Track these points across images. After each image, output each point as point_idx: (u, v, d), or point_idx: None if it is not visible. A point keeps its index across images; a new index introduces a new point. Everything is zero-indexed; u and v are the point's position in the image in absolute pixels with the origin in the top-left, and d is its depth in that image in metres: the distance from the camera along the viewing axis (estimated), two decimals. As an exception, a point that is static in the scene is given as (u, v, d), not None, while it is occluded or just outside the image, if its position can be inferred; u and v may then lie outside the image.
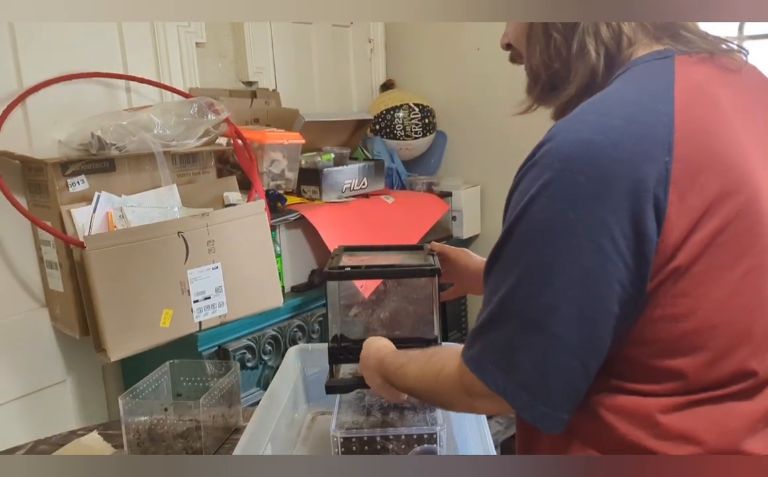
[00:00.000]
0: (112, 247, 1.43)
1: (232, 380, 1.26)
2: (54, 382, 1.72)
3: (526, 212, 0.66)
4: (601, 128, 0.64)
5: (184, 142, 1.68)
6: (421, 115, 2.55)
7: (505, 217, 0.71)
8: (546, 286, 0.65)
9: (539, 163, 0.66)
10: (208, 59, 2.10)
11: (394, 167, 2.50)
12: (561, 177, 0.64)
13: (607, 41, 0.73)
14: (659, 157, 0.63)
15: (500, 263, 0.69)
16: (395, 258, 1.10)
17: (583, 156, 0.63)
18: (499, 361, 0.68)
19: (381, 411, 1.05)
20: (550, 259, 0.64)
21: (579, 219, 0.63)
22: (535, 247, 0.65)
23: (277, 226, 1.86)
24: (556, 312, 0.64)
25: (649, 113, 0.65)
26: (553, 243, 0.64)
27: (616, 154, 0.63)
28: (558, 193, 0.64)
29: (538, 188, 0.65)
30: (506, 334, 0.68)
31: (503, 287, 0.68)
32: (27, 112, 1.59)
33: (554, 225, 0.64)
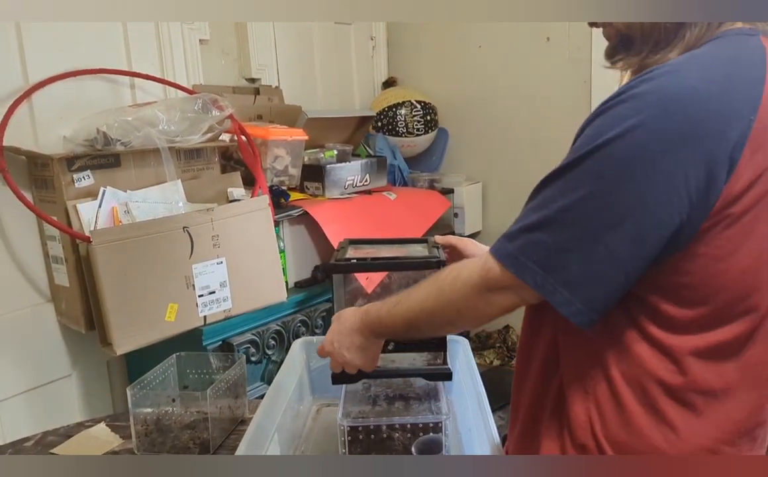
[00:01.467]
0: (118, 242, 1.44)
1: (239, 372, 1.27)
2: (59, 377, 1.74)
3: (617, 138, 0.69)
4: (704, 79, 0.70)
5: (188, 138, 1.69)
6: (422, 112, 2.56)
7: (581, 139, 0.74)
8: (616, 205, 0.69)
9: (639, 97, 0.70)
10: (212, 56, 2.11)
11: (396, 164, 2.52)
12: (659, 113, 0.68)
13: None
14: (746, 115, 0.69)
15: (570, 175, 0.73)
16: (400, 251, 1.11)
17: (684, 100, 0.69)
18: (543, 261, 0.72)
19: (387, 401, 1.06)
20: (628, 183, 0.69)
21: (663, 153, 0.68)
22: (615, 169, 0.69)
23: (281, 222, 1.87)
24: (618, 229, 0.69)
25: (745, 76, 0.72)
26: (634, 169, 0.69)
27: (711, 105, 0.68)
28: (652, 126, 0.68)
29: (635, 119, 0.69)
30: (560, 238, 0.72)
31: (567, 197, 0.72)
32: (33, 108, 1.61)
33: (639, 153, 0.68)
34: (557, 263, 0.72)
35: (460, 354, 1.25)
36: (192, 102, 1.71)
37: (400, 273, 1.15)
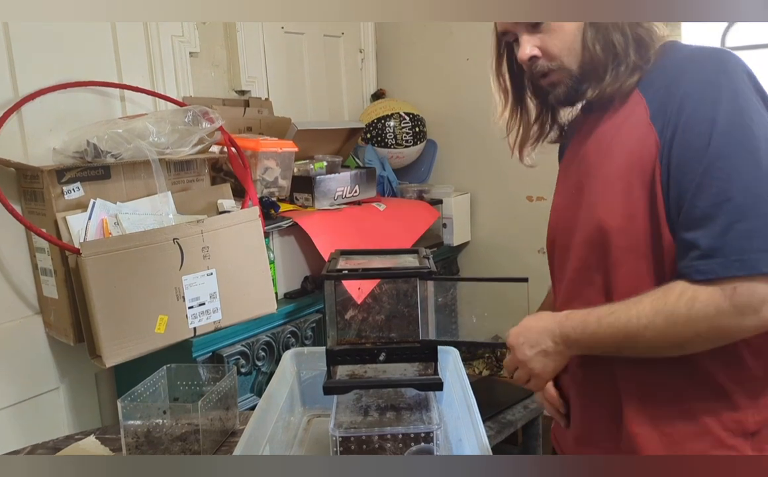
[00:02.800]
0: (108, 254, 1.44)
1: (230, 384, 1.28)
2: (47, 390, 1.72)
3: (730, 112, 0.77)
4: (719, 56, 0.84)
5: (178, 149, 1.69)
6: (411, 123, 2.58)
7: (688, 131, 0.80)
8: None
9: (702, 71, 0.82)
10: (202, 68, 2.12)
11: (385, 175, 2.53)
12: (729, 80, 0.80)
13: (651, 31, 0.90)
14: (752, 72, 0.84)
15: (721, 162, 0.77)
16: (391, 261, 1.12)
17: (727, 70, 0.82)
18: (766, 243, 0.74)
19: (378, 411, 1.07)
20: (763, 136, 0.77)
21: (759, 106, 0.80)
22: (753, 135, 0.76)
23: (271, 233, 1.88)
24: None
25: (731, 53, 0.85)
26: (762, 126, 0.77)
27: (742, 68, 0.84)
28: (740, 90, 0.79)
29: (725, 92, 0.79)
30: (763, 214, 0.74)
31: (736, 180, 0.76)
32: (22, 120, 1.60)
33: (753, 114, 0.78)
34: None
35: (450, 364, 1.26)
36: (182, 114, 1.72)
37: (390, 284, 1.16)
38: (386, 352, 1.00)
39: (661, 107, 0.84)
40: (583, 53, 0.91)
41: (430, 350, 1.02)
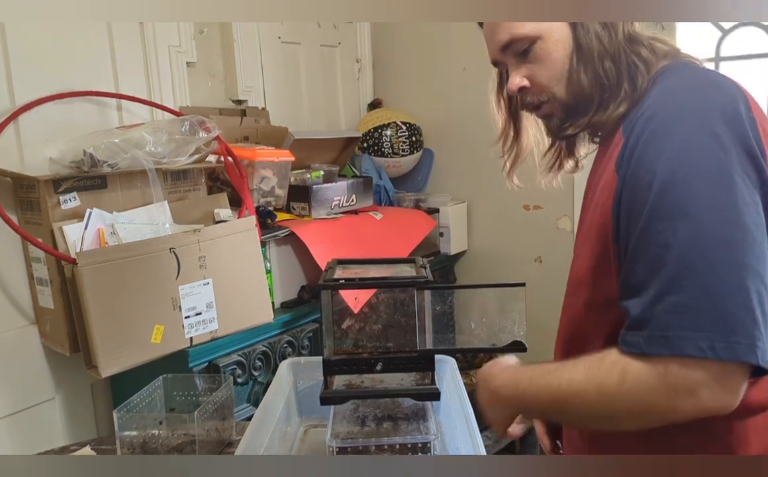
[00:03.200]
0: (104, 264, 1.44)
1: (226, 394, 1.27)
2: (43, 400, 1.71)
3: (677, 168, 0.69)
4: (704, 92, 0.75)
5: (175, 159, 1.69)
6: (408, 132, 2.58)
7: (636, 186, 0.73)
8: (723, 222, 0.67)
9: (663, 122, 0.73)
10: (199, 78, 2.12)
11: (382, 184, 2.53)
12: (693, 130, 0.71)
13: (648, 58, 0.84)
14: (749, 111, 0.73)
15: (661, 224, 0.69)
16: (388, 271, 1.12)
17: (702, 111, 0.72)
18: (699, 320, 0.65)
19: (375, 421, 1.06)
20: (717, 197, 0.68)
21: (722, 160, 0.69)
22: (698, 193, 0.68)
23: (267, 243, 1.87)
24: (740, 243, 0.67)
25: (726, 82, 0.77)
26: (712, 184, 0.68)
27: (727, 109, 0.72)
28: (698, 142, 0.70)
29: (679, 142, 0.71)
30: (698, 285, 0.66)
31: (673, 246, 0.68)
32: (19, 129, 1.60)
33: (706, 169, 0.69)
34: (712, 315, 0.65)
35: (447, 374, 1.26)
36: (179, 124, 1.72)
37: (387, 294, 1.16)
38: (383, 362, 1.00)
39: (627, 151, 0.77)
40: (570, 83, 0.87)
41: (427, 360, 1.02)
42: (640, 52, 0.84)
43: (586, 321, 0.86)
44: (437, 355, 1.04)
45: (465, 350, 1.12)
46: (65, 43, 1.70)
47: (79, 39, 1.73)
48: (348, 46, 2.72)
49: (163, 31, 1.93)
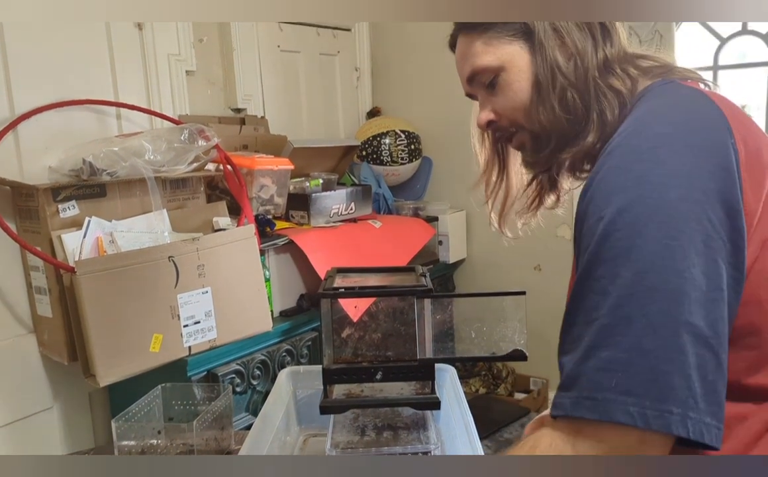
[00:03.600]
0: (103, 272, 1.43)
1: (225, 403, 1.27)
2: (41, 409, 1.70)
3: (626, 207, 0.62)
4: (674, 121, 0.68)
5: (174, 167, 1.69)
6: (407, 141, 2.59)
7: (585, 225, 0.67)
8: (668, 272, 0.59)
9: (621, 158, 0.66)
10: (198, 87, 2.13)
11: (381, 192, 2.54)
12: (653, 166, 0.63)
13: (619, 87, 0.79)
14: (727, 140, 0.66)
15: (601, 269, 0.63)
16: (388, 279, 1.12)
17: (667, 144, 0.65)
18: (631, 381, 0.59)
19: (375, 430, 1.06)
20: (665, 243, 0.60)
21: (680, 200, 0.61)
22: (645, 238, 0.61)
23: (266, 251, 1.87)
24: (684, 297, 0.59)
25: (704, 108, 0.70)
26: (663, 228, 0.61)
27: (696, 140, 0.65)
28: (656, 180, 0.62)
29: (633, 180, 0.63)
30: (629, 342, 0.59)
31: (611, 294, 0.61)
32: (18, 138, 1.60)
33: (659, 211, 0.61)
34: (641, 377, 0.58)
35: (447, 382, 1.25)
36: (178, 132, 1.72)
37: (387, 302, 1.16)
38: (383, 371, 1.00)
39: (587, 182, 0.71)
40: (535, 115, 0.82)
41: (427, 368, 1.02)
42: (612, 80, 0.79)
43: None
44: (437, 364, 1.04)
45: (465, 359, 1.11)
46: (64, 52, 1.70)
47: (79, 48, 1.74)
48: (347, 54, 2.73)
49: (162, 40, 1.94)
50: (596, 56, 0.80)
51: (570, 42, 0.80)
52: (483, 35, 0.86)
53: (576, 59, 0.80)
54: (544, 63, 0.81)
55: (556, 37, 0.81)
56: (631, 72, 0.80)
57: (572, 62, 0.80)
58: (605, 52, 0.80)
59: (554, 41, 0.81)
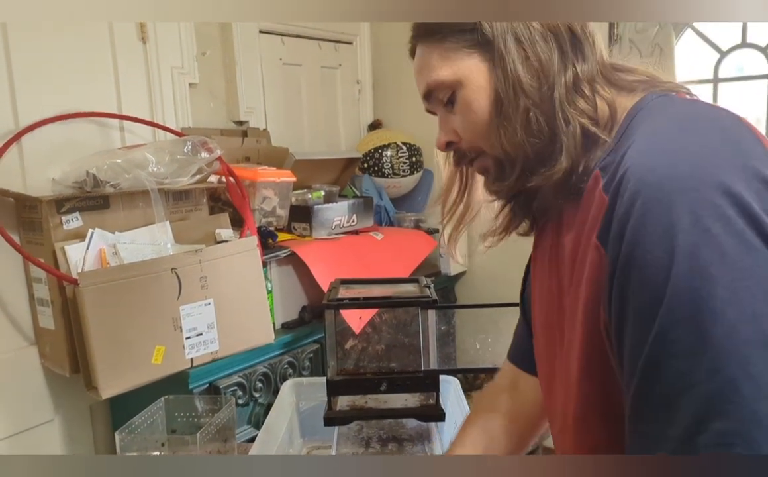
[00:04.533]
0: (106, 284, 1.43)
1: (228, 415, 1.26)
2: (42, 422, 1.70)
3: (693, 251, 0.55)
4: (699, 138, 0.60)
5: (177, 179, 1.70)
6: (408, 153, 2.60)
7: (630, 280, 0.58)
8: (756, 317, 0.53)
9: (657, 198, 0.57)
10: (200, 99, 2.14)
11: (382, 204, 2.54)
12: (696, 196, 0.55)
13: (585, 109, 0.71)
14: (761, 149, 0.60)
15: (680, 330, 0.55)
16: (391, 290, 1.12)
17: (705, 166, 0.57)
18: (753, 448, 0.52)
19: (379, 442, 1.06)
20: (744, 284, 0.54)
21: (741, 229, 0.54)
22: (721, 285, 0.54)
23: (268, 263, 1.87)
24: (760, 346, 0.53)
25: (723, 117, 0.63)
26: (737, 267, 0.54)
27: (730, 156, 0.58)
28: (706, 213, 0.55)
29: (684, 220, 0.55)
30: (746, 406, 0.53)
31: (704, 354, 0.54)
32: (22, 150, 1.61)
33: (724, 248, 0.54)
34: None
35: (451, 394, 1.25)
36: (181, 144, 1.73)
37: (390, 314, 1.16)
38: (388, 382, 1.00)
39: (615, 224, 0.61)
40: (495, 137, 0.73)
41: (432, 380, 1.02)
42: (580, 102, 0.70)
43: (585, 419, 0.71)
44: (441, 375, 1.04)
45: (470, 370, 1.11)
46: (68, 65, 1.71)
47: (83, 61, 1.74)
48: (348, 67, 2.74)
49: (165, 53, 1.95)
50: (564, 73, 0.71)
51: (533, 55, 0.70)
52: (440, 46, 0.75)
53: (540, 76, 0.70)
54: (505, 79, 0.71)
55: (519, 49, 0.71)
56: (604, 92, 0.72)
57: (536, 79, 0.70)
58: (575, 68, 0.71)
59: (516, 54, 0.71)
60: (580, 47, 0.72)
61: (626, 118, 0.70)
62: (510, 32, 0.71)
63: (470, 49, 0.73)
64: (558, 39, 0.71)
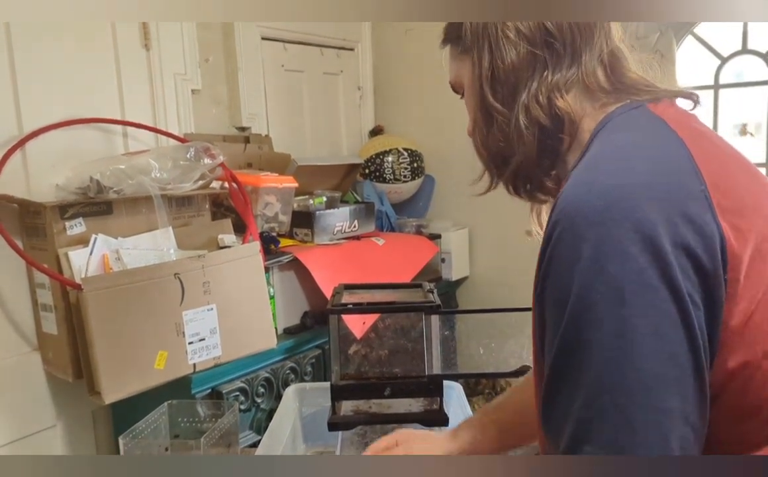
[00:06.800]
0: (109, 289, 1.44)
1: (231, 420, 1.27)
2: (44, 427, 1.69)
3: (584, 291, 0.58)
4: (619, 171, 0.61)
5: (180, 185, 1.70)
6: (409, 159, 2.60)
7: (545, 301, 0.64)
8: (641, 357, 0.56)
9: (569, 229, 0.60)
10: (203, 105, 2.14)
11: (383, 210, 2.55)
12: (605, 233, 0.58)
13: (538, 116, 0.73)
14: (695, 186, 0.60)
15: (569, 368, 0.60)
16: (395, 295, 1.12)
17: (620, 202, 0.58)
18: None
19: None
20: (636, 326, 0.56)
21: (643, 269, 0.56)
22: (609, 324, 0.57)
23: (271, 268, 1.88)
24: (660, 381, 0.56)
25: (666, 149, 0.64)
26: (630, 306, 0.56)
27: (652, 193, 0.59)
28: (611, 250, 0.57)
29: (588, 258, 0.58)
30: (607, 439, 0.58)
31: (583, 390, 0.59)
32: (26, 156, 1.61)
33: (620, 288, 0.57)
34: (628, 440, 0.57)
35: (454, 399, 1.25)
36: (184, 150, 1.73)
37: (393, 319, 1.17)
38: (391, 387, 1.00)
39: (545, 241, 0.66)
40: (478, 132, 0.80)
41: (435, 385, 1.02)
42: (537, 111, 0.72)
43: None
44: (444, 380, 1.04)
45: (473, 375, 1.12)
46: (72, 71, 1.71)
47: (87, 67, 1.75)
48: (350, 73, 2.75)
49: (168, 59, 1.96)
50: (531, 83, 0.73)
51: (503, 63, 0.74)
52: (451, 50, 0.84)
53: (507, 83, 0.74)
54: (477, 84, 0.77)
55: (490, 57, 0.75)
56: (573, 103, 0.73)
57: (503, 85, 0.74)
58: (546, 78, 0.72)
59: (487, 62, 0.75)
60: (557, 58, 0.72)
61: (594, 131, 0.72)
62: (486, 39, 0.75)
63: (462, 55, 0.81)
64: (533, 48, 0.73)
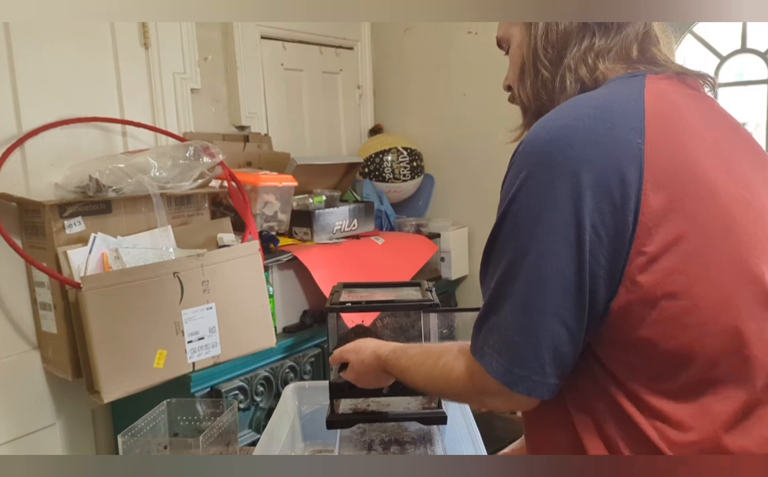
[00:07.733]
0: (108, 288, 1.44)
1: (230, 419, 1.27)
2: (44, 426, 1.70)
3: (514, 201, 0.72)
4: (574, 115, 0.72)
5: (179, 184, 1.70)
6: (409, 158, 2.60)
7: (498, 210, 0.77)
8: (536, 265, 0.70)
9: (520, 155, 0.74)
10: (203, 104, 2.14)
11: (383, 209, 2.55)
12: (540, 160, 0.70)
13: (583, 76, 0.81)
14: (632, 139, 0.69)
15: (494, 252, 0.76)
16: (393, 294, 1.12)
17: (560, 139, 0.70)
18: (497, 344, 0.73)
19: (382, 446, 1.06)
20: (539, 238, 0.70)
21: (559, 196, 0.68)
22: (523, 231, 0.71)
23: (270, 267, 1.88)
24: (545, 286, 0.69)
25: (621, 105, 0.73)
26: (539, 223, 0.70)
27: (591, 136, 0.69)
28: (540, 175, 0.70)
29: (523, 177, 0.71)
30: (503, 315, 0.72)
31: (498, 272, 0.74)
32: (25, 155, 1.62)
33: (538, 207, 0.70)
34: (506, 344, 0.72)
35: (452, 397, 1.25)
36: (183, 149, 1.73)
37: (391, 317, 1.17)
38: (390, 386, 1.00)
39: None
40: (522, 88, 0.89)
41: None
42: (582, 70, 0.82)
43: None
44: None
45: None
46: (71, 70, 1.72)
47: (86, 66, 1.75)
48: (349, 72, 2.75)
49: (167, 58, 1.96)
50: (579, 45, 0.82)
51: (555, 26, 0.83)
52: None
53: (556, 44, 0.83)
54: (529, 43, 0.85)
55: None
56: (611, 65, 0.81)
57: (553, 47, 0.83)
58: (591, 41, 0.81)
59: (545, 25, 0.84)
60: (605, 29, 0.82)
61: None
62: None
63: None
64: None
